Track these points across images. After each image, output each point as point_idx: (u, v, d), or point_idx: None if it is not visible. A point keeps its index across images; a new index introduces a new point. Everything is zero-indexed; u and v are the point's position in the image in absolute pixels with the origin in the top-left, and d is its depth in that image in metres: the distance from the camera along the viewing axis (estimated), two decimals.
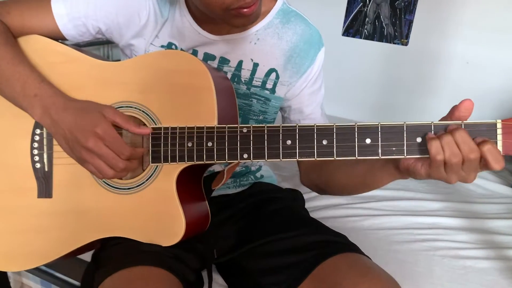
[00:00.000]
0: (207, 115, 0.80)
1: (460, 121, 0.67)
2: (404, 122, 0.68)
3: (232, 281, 1.03)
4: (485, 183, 1.92)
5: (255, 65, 0.98)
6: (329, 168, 0.96)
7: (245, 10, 0.80)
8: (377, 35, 2.55)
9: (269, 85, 0.99)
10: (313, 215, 1.08)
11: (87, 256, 0.98)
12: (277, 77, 0.99)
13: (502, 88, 2.31)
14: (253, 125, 0.76)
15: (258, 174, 1.17)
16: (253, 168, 1.15)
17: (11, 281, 1.56)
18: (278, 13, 0.98)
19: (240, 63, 0.98)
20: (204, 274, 0.99)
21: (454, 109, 0.69)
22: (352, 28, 2.60)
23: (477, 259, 1.35)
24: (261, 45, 0.97)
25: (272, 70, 0.99)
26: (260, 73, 0.99)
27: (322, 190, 1.02)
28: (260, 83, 0.99)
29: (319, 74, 1.03)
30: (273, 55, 0.98)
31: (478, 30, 2.31)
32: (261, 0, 0.85)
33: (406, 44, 2.49)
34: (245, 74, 0.99)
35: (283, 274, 0.88)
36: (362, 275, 0.81)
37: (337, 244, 0.91)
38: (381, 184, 0.84)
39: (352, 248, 0.90)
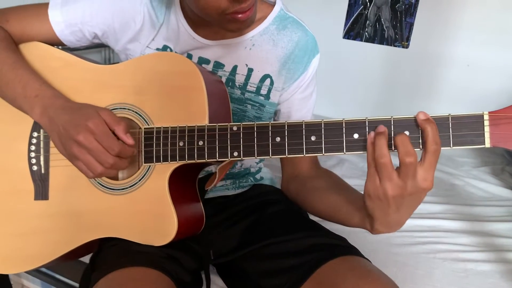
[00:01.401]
0: (198, 114, 0.81)
1: (447, 114, 0.67)
2: (391, 117, 0.68)
3: (232, 283, 1.03)
4: (486, 185, 1.92)
5: (250, 70, 0.98)
6: (309, 187, 0.97)
7: (239, 15, 0.80)
8: (377, 37, 2.55)
9: (263, 91, 0.99)
10: (313, 217, 1.08)
11: (87, 259, 0.98)
12: (272, 83, 0.99)
13: (503, 90, 2.31)
14: (243, 123, 0.76)
15: (257, 176, 1.17)
16: (252, 170, 1.15)
17: (12, 283, 1.57)
18: (275, 19, 0.98)
19: (234, 68, 0.98)
20: (203, 275, 0.99)
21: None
22: (353, 31, 2.61)
23: (477, 262, 1.35)
24: (256, 51, 0.97)
25: (266, 76, 0.99)
26: (255, 79, 0.99)
27: (297, 204, 1.02)
28: (254, 89, 0.99)
29: (312, 80, 1.03)
30: (267, 61, 0.98)
31: (479, 33, 2.31)
32: (256, 6, 0.85)
33: (406, 47, 2.50)
34: (239, 79, 0.99)
35: (283, 277, 0.88)
36: (362, 278, 0.80)
37: (337, 247, 0.90)
38: (348, 225, 0.85)
39: (352, 251, 0.90)
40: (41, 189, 0.92)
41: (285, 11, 1.00)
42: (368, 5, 2.53)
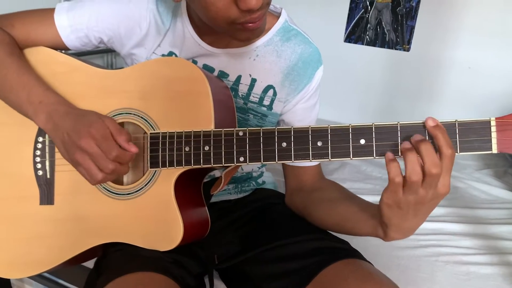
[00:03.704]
0: (204, 119, 0.81)
1: (454, 120, 0.67)
2: (398, 122, 0.68)
3: (234, 287, 1.03)
4: (488, 188, 1.92)
5: (253, 81, 0.98)
6: (316, 199, 0.97)
7: (250, 24, 0.79)
8: (379, 41, 2.55)
9: (266, 101, 0.99)
10: None
11: (90, 263, 0.98)
12: (275, 94, 0.99)
13: (504, 92, 2.31)
14: (249, 128, 0.76)
15: (259, 180, 1.17)
16: (254, 174, 1.15)
17: None
18: (279, 30, 0.98)
19: (238, 77, 0.98)
20: (206, 279, 0.99)
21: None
22: (354, 34, 2.61)
23: (480, 264, 1.35)
24: (260, 62, 0.97)
25: (269, 87, 0.99)
26: (258, 89, 0.99)
27: (304, 217, 1.01)
28: (257, 99, 0.99)
29: (316, 91, 1.03)
30: (271, 72, 0.98)
31: (480, 35, 2.31)
32: (266, 16, 0.85)
33: (408, 50, 2.50)
34: (242, 88, 0.99)
35: (285, 281, 0.88)
36: (364, 281, 0.80)
37: (339, 250, 0.91)
38: (359, 234, 0.85)
39: (354, 254, 0.90)
40: (46, 194, 0.92)
41: (289, 23, 1.00)
42: (369, 9, 2.53)
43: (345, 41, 2.65)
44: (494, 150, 0.66)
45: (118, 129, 0.81)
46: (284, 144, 0.74)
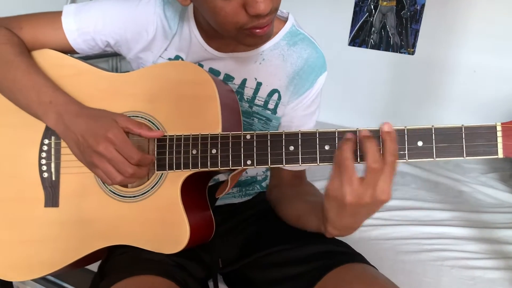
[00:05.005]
0: (211, 123, 0.81)
1: (461, 125, 0.67)
2: (405, 127, 0.68)
3: None
4: (494, 192, 1.92)
5: (258, 84, 0.98)
6: (285, 195, 0.99)
7: (258, 30, 0.80)
8: (383, 44, 2.55)
9: (271, 105, 1.00)
10: None
11: (95, 267, 0.98)
12: (279, 98, 0.99)
13: (511, 96, 2.30)
14: (256, 132, 0.76)
15: (264, 184, 1.16)
16: (259, 178, 1.15)
17: None
18: (286, 35, 0.98)
19: (244, 81, 0.98)
20: (210, 283, 0.99)
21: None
22: (358, 38, 2.61)
23: (486, 269, 1.35)
24: (265, 65, 0.98)
25: (274, 91, 0.99)
26: (263, 93, 0.99)
27: (275, 213, 1.03)
28: (262, 103, 0.99)
29: (316, 98, 1.02)
30: (276, 76, 0.98)
31: (485, 39, 2.31)
32: (274, 21, 0.85)
33: (412, 53, 2.49)
34: (248, 92, 0.99)
35: (289, 285, 0.88)
36: (368, 285, 0.80)
37: (342, 254, 0.90)
38: (309, 227, 0.86)
39: (358, 258, 0.90)
40: (52, 196, 0.92)
41: (296, 27, 1.00)
42: (373, 12, 2.53)
43: (349, 44, 2.65)
44: (500, 154, 0.66)
45: (136, 123, 0.82)
46: (291, 148, 0.74)
